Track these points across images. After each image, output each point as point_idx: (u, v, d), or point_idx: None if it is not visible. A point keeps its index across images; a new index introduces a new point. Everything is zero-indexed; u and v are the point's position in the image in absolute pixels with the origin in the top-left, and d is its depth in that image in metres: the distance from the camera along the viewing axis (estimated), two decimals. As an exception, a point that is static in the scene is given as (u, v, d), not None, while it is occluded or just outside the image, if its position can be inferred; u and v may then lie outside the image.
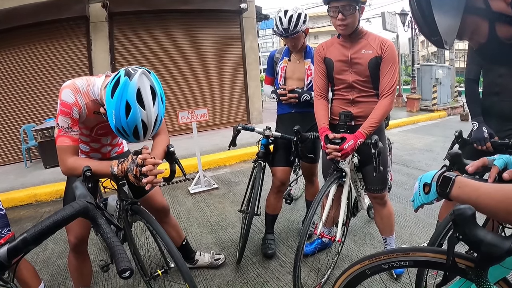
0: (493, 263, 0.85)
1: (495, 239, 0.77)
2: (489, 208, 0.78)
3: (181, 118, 4.19)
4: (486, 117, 2.03)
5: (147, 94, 1.39)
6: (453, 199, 0.88)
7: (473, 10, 0.80)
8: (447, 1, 0.79)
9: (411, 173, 4.76)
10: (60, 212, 0.86)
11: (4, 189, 4.89)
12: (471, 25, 0.83)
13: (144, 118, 1.40)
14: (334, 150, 1.90)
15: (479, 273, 0.87)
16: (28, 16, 6.43)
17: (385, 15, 11.91)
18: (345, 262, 2.56)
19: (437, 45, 0.86)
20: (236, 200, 3.99)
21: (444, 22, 0.79)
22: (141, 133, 1.44)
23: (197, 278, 2.46)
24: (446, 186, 0.89)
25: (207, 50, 8.39)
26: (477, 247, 0.81)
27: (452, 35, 0.83)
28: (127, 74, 1.37)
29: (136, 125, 1.40)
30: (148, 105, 1.40)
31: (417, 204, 1.03)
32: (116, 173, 1.52)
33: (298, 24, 2.33)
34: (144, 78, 1.40)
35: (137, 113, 1.37)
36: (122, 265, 0.83)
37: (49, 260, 2.88)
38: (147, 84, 1.40)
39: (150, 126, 1.44)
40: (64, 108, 1.55)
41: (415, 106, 10.95)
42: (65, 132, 1.57)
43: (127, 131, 1.41)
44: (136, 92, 1.36)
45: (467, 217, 0.79)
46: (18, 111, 6.92)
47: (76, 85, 1.59)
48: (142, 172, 1.46)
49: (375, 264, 1.14)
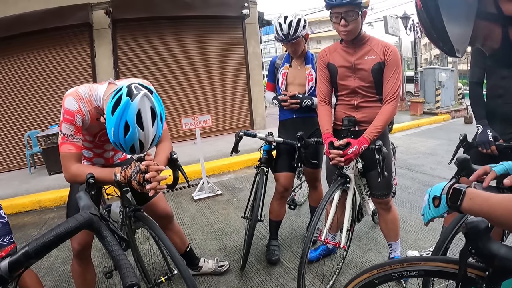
0: (507, 277, 0.83)
1: (509, 253, 0.75)
2: (502, 219, 0.76)
3: (184, 125, 4.19)
4: (490, 119, 2.01)
5: (147, 116, 1.40)
6: (464, 211, 0.86)
7: (485, 15, 0.79)
8: (458, 9, 0.78)
9: (415, 177, 4.73)
10: (63, 225, 0.85)
11: (8, 195, 4.90)
12: (483, 31, 0.82)
13: (141, 138, 1.41)
14: (338, 155, 1.89)
15: (491, 287, 0.85)
16: (32, 23, 6.49)
17: (387, 19, 11.90)
18: (350, 268, 2.54)
19: (449, 54, 0.84)
20: (240, 206, 3.97)
21: (456, 31, 0.78)
22: (137, 149, 1.45)
23: (201, 285, 2.45)
24: (457, 199, 0.86)
25: (210, 56, 8.41)
26: (490, 262, 0.79)
27: (464, 43, 0.81)
28: (129, 94, 1.37)
29: (134, 143, 1.41)
30: (147, 127, 1.40)
31: (428, 218, 1.00)
32: (119, 179, 1.52)
33: (297, 30, 2.34)
34: (146, 100, 1.40)
35: (135, 134, 1.38)
36: (129, 280, 0.81)
37: (53, 266, 2.88)
38: (148, 106, 1.40)
39: (147, 145, 1.45)
40: (67, 115, 1.56)
41: (419, 109, 10.91)
42: (69, 139, 1.57)
43: (124, 147, 1.43)
44: (136, 113, 1.37)
45: (480, 230, 0.77)
46: (22, 117, 6.96)
47: (79, 92, 1.60)
48: (145, 178, 1.47)
49: (384, 274, 1.12)
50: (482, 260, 0.82)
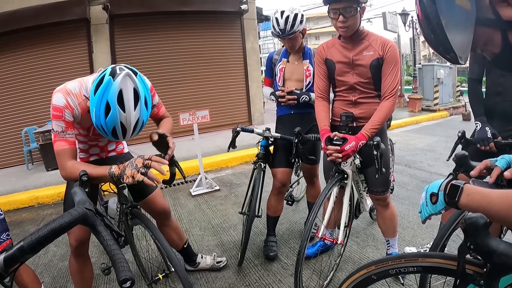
0: (505, 273, 0.82)
1: (508, 249, 0.75)
2: (501, 214, 0.76)
3: (182, 120, 4.17)
4: (489, 116, 2.01)
5: (129, 97, 1.38)
6: (462, 207, 0.86)
7: (484, 21, 0.79)
8: (458, 18, 0.79)
9: (413, 173, 4.74)
10: (58, 220, 0.84)
11: (6, 191, 4.89)
12: (483, 37, 0.83)
13: (123, 120, 1.39)
14: (335, 151, 1.88)
15: (489, 283, 0.85)
16: (29, 19, 6.43)
17: (386, 15, 11.87)
18: (347, 264, 2.54)
19: (452, 61, 0.85)
20: (238, 202, 3.97)
21: (457, 38, 0.78)
22: (119, 134, 1.43)
23: (198, 281, 2.45)
24: (455, 195, 0.86)
25: (208, 51, 8.38)
26: (489, 258, 0.78)
27: (466, 50, 0.82)
28: (112, 74, 1.36)
29: (115, 126, 1.40)
30: (129, 108, 1.39)
31: (425, 215, 1.00)
32: (114, 171, 1.49)
33: (294, 25, 2.33)
34: (128, 80, 1.38)
35: (116, 115, 1.37)
36: (123, 274, 0.81)
37: (51, 263, 2.88)
38: (131, 86, 1.39)
39: (129, 129, 1.43)
40: (55, 112, 1.54)
41: (417, 106, 10.91)
42: (60, 136, 1.56)
43: (105, 130, 1.41)
44: (118, 93, 1.35)
45: (479, 226, 0.76)
46: (19, 113, 6.92)
47: (67, 88, 1.58)
48: (145, 164, 1.45)
49: (382, 270, 1.11)
50: (481, 256, 0.82)
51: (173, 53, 8.05)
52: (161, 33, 7.88)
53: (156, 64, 7.84)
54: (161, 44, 7.90)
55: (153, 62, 7.82)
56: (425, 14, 0.80)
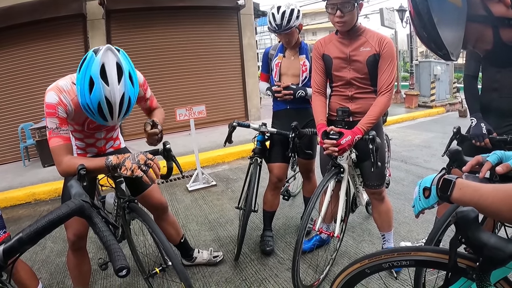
0: (496, 267, 0.83)
1: (498, 243, 0.76)
2: (492, 208, 0.76)
3: (178, 116, 4.17)
4: (484, 113, 2.02)
5: (111, 70, 1.39)
6: (454, 201, 0.87)
7: (475, 18, 0.80)
8: (449, 14, 0.79)
9: (409, 169, 4.76)
10: (56, 211, 0.85)
11: (2, 188, 4.87)
12: (475, 33, 0.83)
13: (107, 94, 1.39)
14: (331, 145, 1.90)
15: (481, 276, 0.86)
16: (24, 15, 6.36)
17: (383, 11, 11.85)
18: (343, 259, 2.56)
19: (444, 58, 0.86)
20: (235, 197, 3.98)
21: (449, 35, 0.79)
22: (106, 111, 1.43)
23: (195, 275, 2.47)
24: (447, 189, 0.87)
25: (205, 47, 8.34)
26: (480, 251, 0.79)
27: (458, 47, 0.83)
28: (95, 51, 1.38)
29: (100, 102, 1.39)
30: (112, 82, 1.39)
31: (418, 209, 1.01)
32: (112, 161, 1.49)
33: (291, 20, 2.33)
34: (110, 54, 1.39)
35: (100, 89, 1.37)
36: (119, 263, 0.82)
37: (48, 258, 2.88)
38: (113, 60, 1.40)
39: (115, 105, 1.43)
40: (48, 109, 1.55)
41: (414, 102, 10.93)
42: (55, 132, 1.57)
43: (91, 109, 1.41)
44: (100, 68, 1.36)
45: (470, 219, 0.77)
46: (15, 110, 6.87)
47: (59, 85, 1.59)
48: (147, 163, 1.47)
49: (375, 263, 1.13)
50: (472, 250, 0.83)
51: (170, 48, 8.01)
52: (158, 29, 7.84)
53: (153, 60, 7.80)
54: (157, 39, 7.86)
55: (150, 57, 7.77)
56: (417, 11, 0.81)
